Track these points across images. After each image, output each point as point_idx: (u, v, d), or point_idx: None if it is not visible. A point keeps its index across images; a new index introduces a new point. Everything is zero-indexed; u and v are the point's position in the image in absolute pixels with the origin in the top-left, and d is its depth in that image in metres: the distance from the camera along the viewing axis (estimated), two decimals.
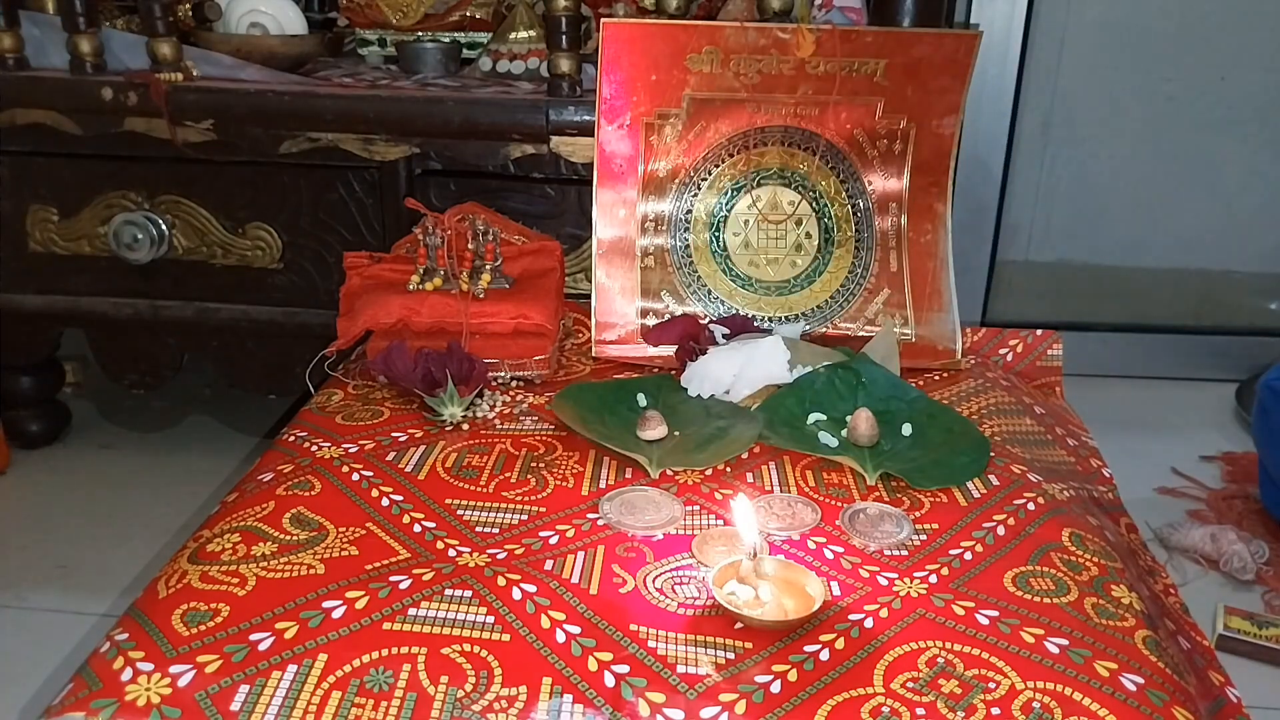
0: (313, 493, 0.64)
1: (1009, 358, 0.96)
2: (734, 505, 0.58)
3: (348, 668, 0.49)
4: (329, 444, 0.71)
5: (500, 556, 0.58)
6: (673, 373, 0.83)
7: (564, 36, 1.05)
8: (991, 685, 0.49)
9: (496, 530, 0.61)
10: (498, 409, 0.78)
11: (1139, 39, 1.57)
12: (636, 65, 0.87)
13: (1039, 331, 0.97)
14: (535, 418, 0.77)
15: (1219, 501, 1.23)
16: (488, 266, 0.86)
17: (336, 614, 0.52)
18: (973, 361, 0.92)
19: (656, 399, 0.78)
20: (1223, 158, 1.62)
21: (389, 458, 0.69)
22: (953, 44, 0.88)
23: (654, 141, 0.90)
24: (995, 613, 0.54)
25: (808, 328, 0.91)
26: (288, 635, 0.51)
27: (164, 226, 1.15)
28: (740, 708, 0.47)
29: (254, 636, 0.51)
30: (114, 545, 1.13)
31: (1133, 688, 0.49)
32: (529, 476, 0.68)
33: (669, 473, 0.68)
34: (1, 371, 1.27)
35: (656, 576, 0.57)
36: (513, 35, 1.26)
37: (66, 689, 0.48)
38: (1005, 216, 1.64)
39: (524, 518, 0.63)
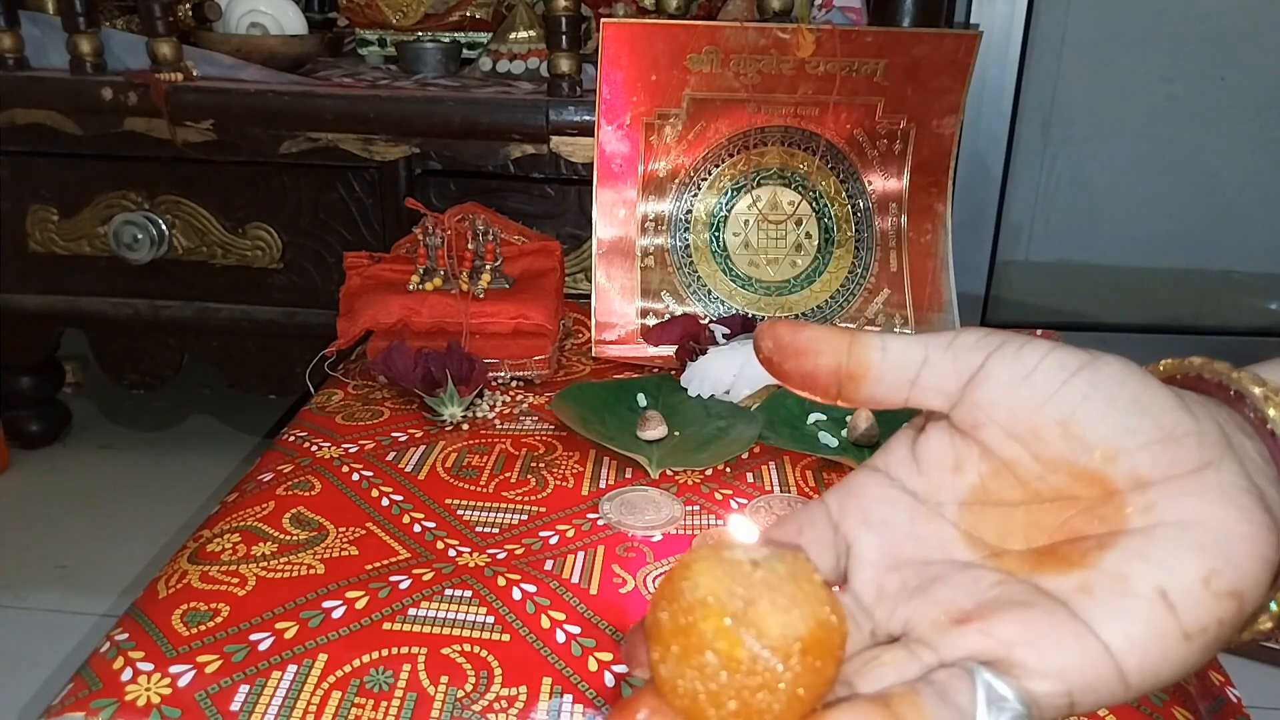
0: (313, 493, 0.64)
1: None
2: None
3: (348, 668, 0.49)
4: (329, 444, 0.71)
5: (500, 556, 0.58)
6: (673, 373, 0.83)
7: (564, 36, 1.05)
8: None
9: (496, 530, 0.61)
10: (498, 409, 0.78)
11: (1139, 39, 1.57)
12: (636, 65, 0.87)
13: (1039, 332, 0.97)
14: (535, 418, 0.77)
15: None
16: (488, 266, 0.86)
17: (336, 614, 0.52)
18: None
19: (656, 399, 0.78)
20: (1223, 157, 1.62)
21: (389, 458, 0.69)
22: (953, 44, 0.88)
23: (654, 141, 0.90)
24: None
25: None
26: (288, 635, 0.51)
27: (164, 226, 1.15)
28: None
29: (254, 636, 0.51)
30: (114, 545, 1.13)
31: None
32: (529, 476, 0.68)
33: (669, 473, 0.68)
34: (1, 371, 1.27)
35: (656, 576, 0.57)
36: (513, 35, 1.26)
37: (66, 689, 0.48)
38: (1005, 216, 1.64)
39: (524, 518, 0.63)
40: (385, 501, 0.64)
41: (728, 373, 0.79)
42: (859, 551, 0.27)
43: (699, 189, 0.91)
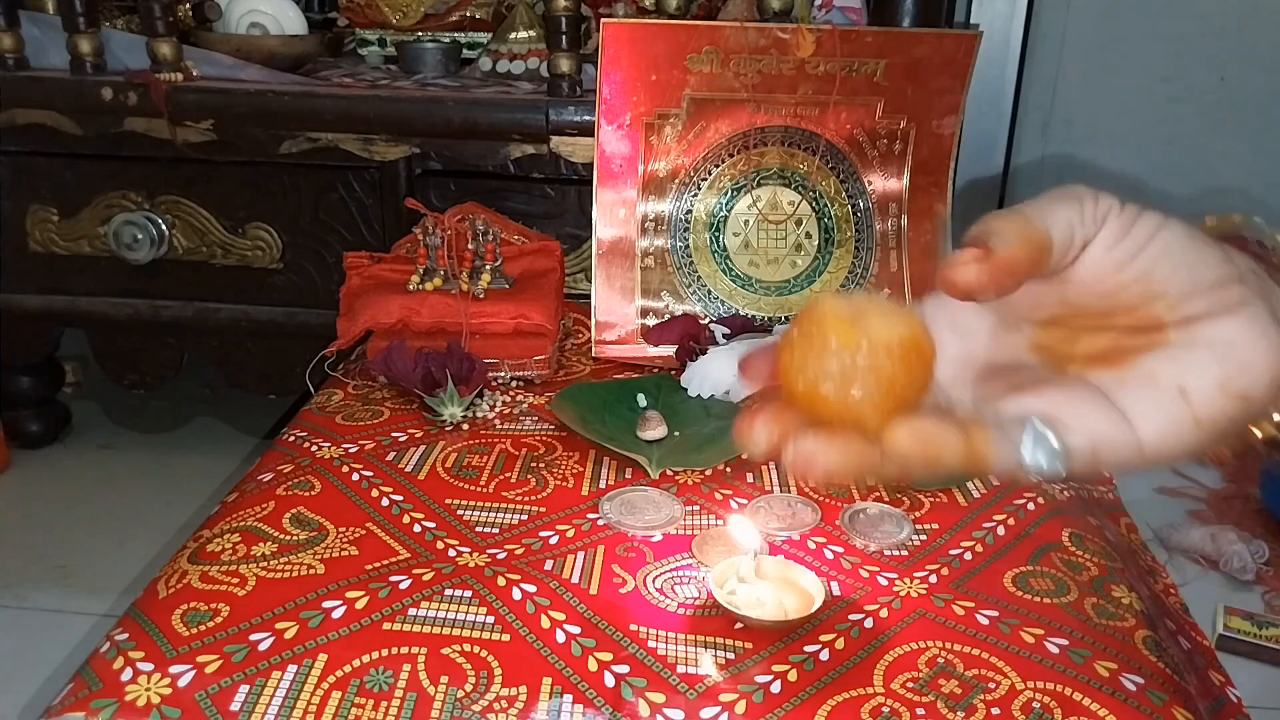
0: (313, 493, 0.64)
1: None
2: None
3: (348, 668, 0.49)
4: (329, 444, 0.71)
5: (500, 556, 0.58)
6: (673, 373, 0.83)
7: (564, 36, 1.05)
8: (991, 685, 0.49)
9: (496, 530, 0.61)
10: (498, 409, 0.78)
11: (1139, 39, 1.57)
12: (636, 65, 0.87)
13: None
14: (535, 418, 0.77)
15: (1219, 501, 1.23)
16: (488, 266, 0.86)
17: (336, 614, 0.52)
18: None
19: (656, 399, 0.78)
20: (1223, 157, 1.62)
21: (389, 458, 0.69)
22: (953, 44, 0.88)
23: (654, 141, 0.90)
24: (995, 613, 0.54)
25: None
26: (288, 635, 0.51)
27: (164, 226, 1.15)
28: (740, 708, 0.47)
29: (254, 636, 0.51)
30: (114, 545, 1.13)
31: (1133, 688, 0.49)
32: (529, 476, 0.68)
33: (669, 473, 0.68)
34: (2, 371, 1.27)
35: (656, 576, 0.57)
36: (513, 35, 1.26)
37: (66, 689, 0.48)
38: None
39: (524, 518, 0.63)
40: (385, 501, 0.64)
41: (728, 373, 0.79)
42: (942, 346, 0.30)
43: (699, 189, 0.91)
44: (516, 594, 0.54)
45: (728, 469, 0.70)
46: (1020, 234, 0.29)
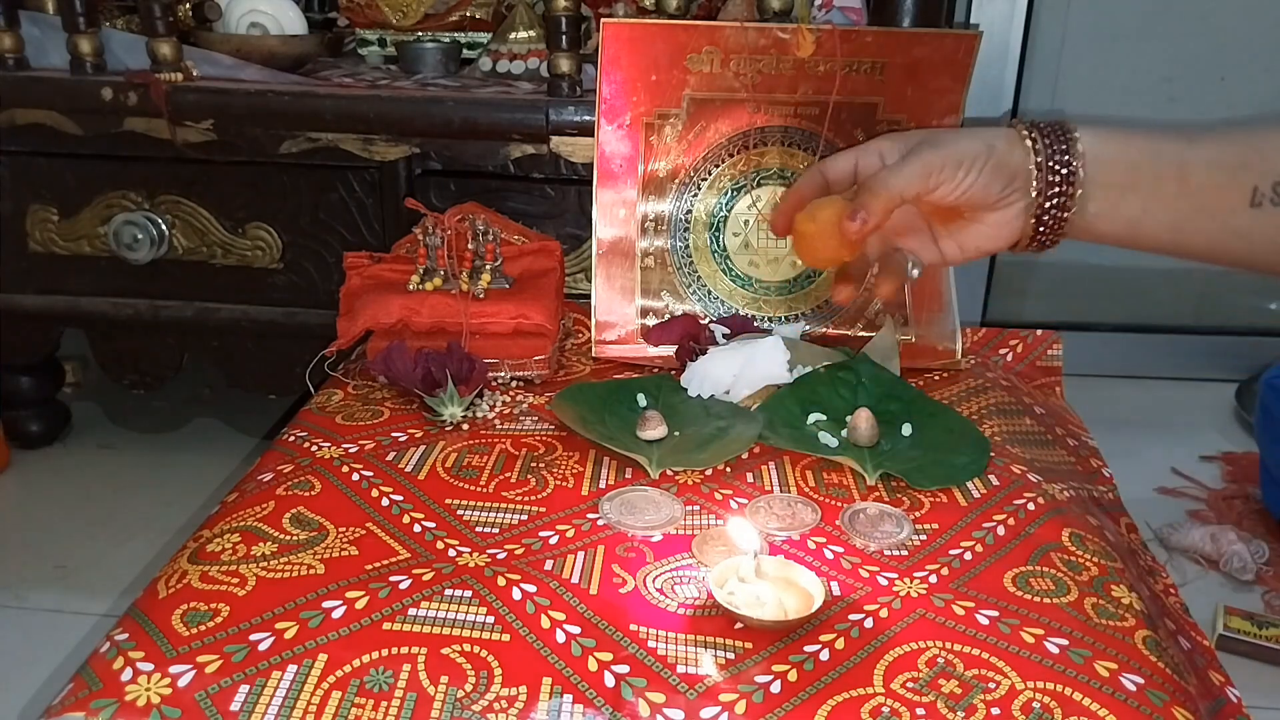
0: (313, 493, 0.65)
1: (1009, 358, 0.96)
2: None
3: (348, 668, 0.49)
4: (329, 444, 0.71)
5: (500, 556, 0.58)
6: (673, 373, 0.83)
7: (564, 36, 1.05)
8: (991, 685, 0.49)
9: (496, 530, 0.61)
10: (498, 409, 0.78)
11: (1139, 39, 1.57)
12: (636, 65, 0.87)
13: (1039, 331, 0.97)
14: (535, 418, 0.77)
15: (1219, 501, 1.23)
16: (488, 266, 0.86)
17: (336, 614, 0.52)
18: (973, 361, 0.92)
19: (656, 399, 0.78)
20: None
21: (389, 458, 0.69)
22: (953, 44, 0.88)
23: (654, 141, 0.90)
24: (995, 613, 0.54)
25: (808, 328, 0.91)
26: (288, 635, 0.51)
27: (164, 226, 1.15)
28: (740, 708, 0.47)
29: (254, 636, 0.51)
30: (114, 545, 1.13)
31: (1133, 688, 0.49)
32: (529, 476, 0.68)
33: (669, 473, 0.68)
34: (2, 371, 1.27)
35: (656, 576, 0.57)
36: (513, 35, 1.26)
37: (66, 689, 0.48)
38: None
39: (524, 518, 0.63)
40: (385, 501, 0.64)
41: (728, 373, 0.79)
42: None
43: (699, 189, 0.91)
44: (516, 594, 0.54)
45: (728, 469, 0.70)
46: (883, 210, 0.58)
